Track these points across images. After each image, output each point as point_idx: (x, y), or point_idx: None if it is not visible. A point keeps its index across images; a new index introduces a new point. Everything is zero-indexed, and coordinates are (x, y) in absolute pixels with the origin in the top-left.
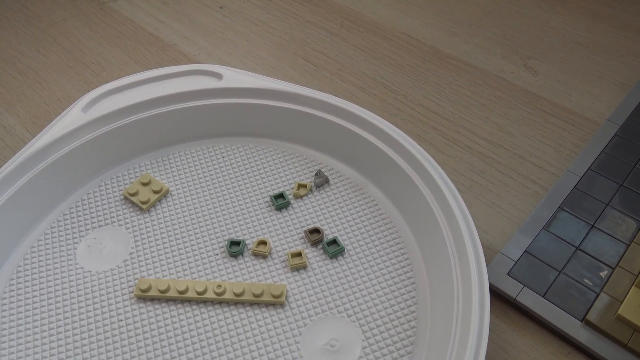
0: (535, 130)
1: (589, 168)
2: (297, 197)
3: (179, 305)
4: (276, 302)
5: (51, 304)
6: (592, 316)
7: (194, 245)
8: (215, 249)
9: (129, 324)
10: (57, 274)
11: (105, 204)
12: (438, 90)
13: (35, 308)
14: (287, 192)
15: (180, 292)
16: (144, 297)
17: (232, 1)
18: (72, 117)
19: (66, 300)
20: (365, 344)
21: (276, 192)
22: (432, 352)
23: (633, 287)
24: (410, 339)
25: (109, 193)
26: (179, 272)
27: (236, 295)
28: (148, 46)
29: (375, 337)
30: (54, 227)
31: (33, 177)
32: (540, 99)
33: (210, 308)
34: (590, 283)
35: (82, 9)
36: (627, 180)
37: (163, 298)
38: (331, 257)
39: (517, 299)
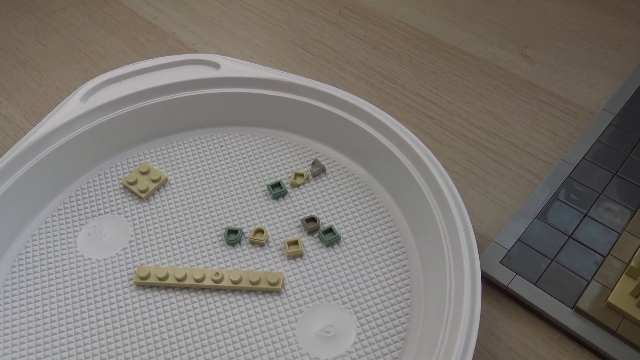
0: (530, 119)
1: (583, 157)
2: (294, 186)
3: (177, 293)
4: (273, 289)
5: (52, 291)
6: (582, 304)
7: (192, 233)
8: (213, 237)
9: (129, 311)
10: (58, 261)
11: (104, 193)
12: (435, 79)
13: (37, 295)
14: (284, 181)
15: (179, 280)
16: (143, 284)
17: None
18: (71, 107)
19: (67, 287)
20: (359, 330)
21: (273, 181)
22: (424, 339)
23: (623, 275)
24: (403, 325)
25: (109, 182)
26: (178, 260)
27: (233, 282)
28: (146, 35)
29: (369, 323)
30: (55, 216)
31: (33, 166)
32: (536, 88)
33: (208, 295)
34: (581, 271)
35: None
36: (621, 170)
37: (162, 285)
38: (327, 246)
39: (509, 286)
